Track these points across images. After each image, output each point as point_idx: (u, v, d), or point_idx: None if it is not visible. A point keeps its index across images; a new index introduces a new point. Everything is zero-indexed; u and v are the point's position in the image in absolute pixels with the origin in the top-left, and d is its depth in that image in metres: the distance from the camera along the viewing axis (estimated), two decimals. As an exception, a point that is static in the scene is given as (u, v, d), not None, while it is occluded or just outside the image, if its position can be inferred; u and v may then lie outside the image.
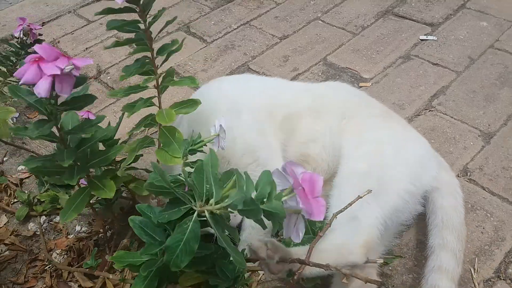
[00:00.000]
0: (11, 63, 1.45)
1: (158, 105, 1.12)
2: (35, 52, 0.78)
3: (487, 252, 1.22)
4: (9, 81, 1.58)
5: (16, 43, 1.42)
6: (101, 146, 1.09)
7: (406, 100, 1.71)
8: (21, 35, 1.37)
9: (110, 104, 1.87)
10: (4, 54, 1.46)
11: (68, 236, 1.36)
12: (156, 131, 1.56)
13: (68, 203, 0.94)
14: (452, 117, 1.62)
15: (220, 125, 0.99)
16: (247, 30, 2.22)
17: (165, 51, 1.02)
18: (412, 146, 1.24)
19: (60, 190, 1.35)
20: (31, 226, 1.39)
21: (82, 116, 1.75)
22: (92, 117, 1.86)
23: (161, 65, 1.09)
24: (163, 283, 0.89)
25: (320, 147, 1.27)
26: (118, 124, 1.19)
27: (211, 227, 0.72)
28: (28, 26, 1.38)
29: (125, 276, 1.09)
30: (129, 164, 1.08)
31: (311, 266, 0.86)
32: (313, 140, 1.28)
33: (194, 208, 0.73)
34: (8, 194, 1.49)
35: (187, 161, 1.01)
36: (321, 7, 2.30)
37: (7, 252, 1.32)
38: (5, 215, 1.43)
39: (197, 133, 0.96)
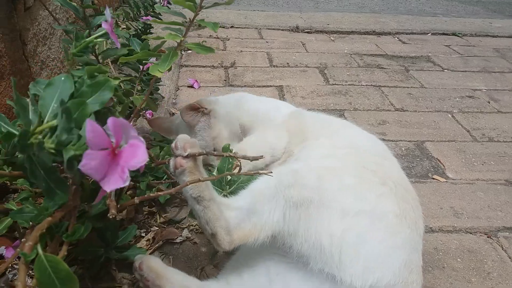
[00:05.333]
0: (138, 12, 1.82)
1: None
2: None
3: None
4: (130, 24, 1.95)
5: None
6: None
7: (470, 212, 1.35)
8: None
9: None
10: (135, 4, 1.85)
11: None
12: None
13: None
14: (510, 257, 1.20)
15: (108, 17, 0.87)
16: (371, 90, 2.13)
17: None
18: (398, 238, 0.87)
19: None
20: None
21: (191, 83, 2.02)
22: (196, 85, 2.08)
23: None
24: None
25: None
26: None
27: None
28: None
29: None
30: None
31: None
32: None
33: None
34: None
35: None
36: (462, 106, 2.04)
37: None
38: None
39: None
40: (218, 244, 0.86)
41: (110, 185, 0.55)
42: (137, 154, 0.57)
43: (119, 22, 2.14)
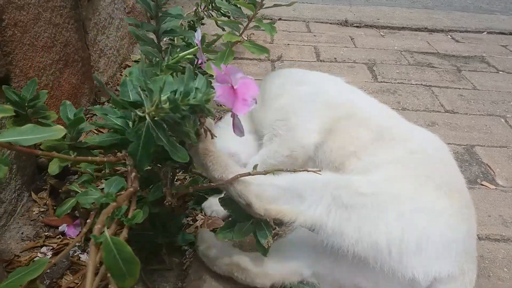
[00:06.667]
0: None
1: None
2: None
3: None
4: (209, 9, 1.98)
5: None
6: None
7: (521, 222, 1.31)
8: None
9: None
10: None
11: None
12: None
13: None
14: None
15: (199, 37, 0.96)
16: (421, 89, 2.09)
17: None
18: (453, 230, 0.89)
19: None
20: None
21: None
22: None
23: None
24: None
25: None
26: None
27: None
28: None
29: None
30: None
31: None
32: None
33: (140, 114, 0.75)
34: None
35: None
36: (517, 111, 1.97)
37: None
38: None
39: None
40: (254, 213, 0.87)
41: (241, 110, 0.72)
42: (250, 88, 0.73)
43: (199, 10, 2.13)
